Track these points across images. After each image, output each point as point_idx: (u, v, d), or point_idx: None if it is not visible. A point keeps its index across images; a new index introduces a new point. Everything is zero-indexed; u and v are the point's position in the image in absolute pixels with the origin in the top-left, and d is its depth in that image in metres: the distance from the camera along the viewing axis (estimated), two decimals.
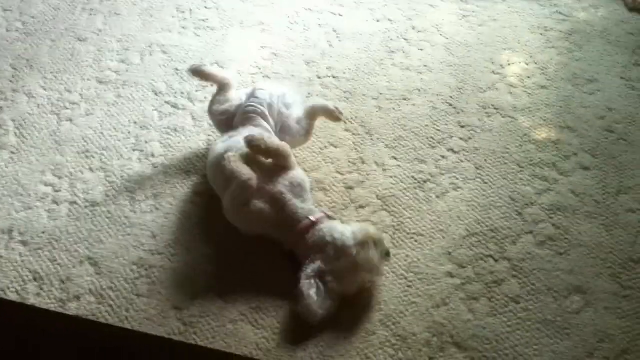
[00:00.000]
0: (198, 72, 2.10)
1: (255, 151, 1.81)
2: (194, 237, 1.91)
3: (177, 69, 2.45)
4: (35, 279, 1.82)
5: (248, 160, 1.80)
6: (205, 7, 2.75)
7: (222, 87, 2.08)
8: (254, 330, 1.69)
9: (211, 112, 2.07)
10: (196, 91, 2.35)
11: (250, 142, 1.80)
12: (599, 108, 2.27)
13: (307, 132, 2.04)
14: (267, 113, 1.98)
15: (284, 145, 1.85)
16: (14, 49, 2.57)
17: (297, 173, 1.85)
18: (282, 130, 2.00)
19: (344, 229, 1.73)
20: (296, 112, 2.04)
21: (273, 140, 1.85)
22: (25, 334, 1.34)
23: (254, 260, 1.84)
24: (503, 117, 2.25)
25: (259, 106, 1.97)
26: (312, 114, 2.03)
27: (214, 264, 1.84)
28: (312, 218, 1.75)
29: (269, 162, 1.84)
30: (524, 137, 2.18)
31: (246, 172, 1.76)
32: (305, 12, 2.71)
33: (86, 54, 2.54)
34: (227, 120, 2.03)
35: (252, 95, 2.01)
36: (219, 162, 1.83)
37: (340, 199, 2.00)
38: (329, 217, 1.79)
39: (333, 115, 2.03)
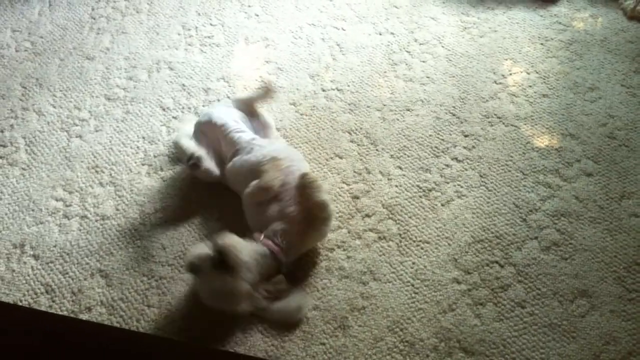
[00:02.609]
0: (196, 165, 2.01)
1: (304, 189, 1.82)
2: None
3: (183, 85, 2.49)
4: (47, 292, 1.85)
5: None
6: (211, 24, 2.79)
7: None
8: (264, 338, 1.71)
9: (207, 172, 2.01)
10: (203, 106, 2.39)
11: (304, 181, 1.82)
12: (600, 115, 2.29)
13: (263, 122, 2.15)
14: (243, 128, 2.05)
15: (324, 204, 1.82)
16: (24, 69, 2.62)
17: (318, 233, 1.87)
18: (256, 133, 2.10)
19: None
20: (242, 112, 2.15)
21: (322, 194, 1.83)
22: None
23: None
24: (506, 125, 2.27)
25: (236, 132, 2.03)
26: (249, 105, 2.14)
27: None
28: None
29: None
30: (527, 145, 2.20)
31: (272, 181, 1.81)
32: (308, 27, 2.75)
33: (94, 72, 2.58)
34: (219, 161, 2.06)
35: (213, 124, 2.05)
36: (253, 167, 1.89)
37: (346, 208, 2.03)
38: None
39: (261, 97, 2.14)
